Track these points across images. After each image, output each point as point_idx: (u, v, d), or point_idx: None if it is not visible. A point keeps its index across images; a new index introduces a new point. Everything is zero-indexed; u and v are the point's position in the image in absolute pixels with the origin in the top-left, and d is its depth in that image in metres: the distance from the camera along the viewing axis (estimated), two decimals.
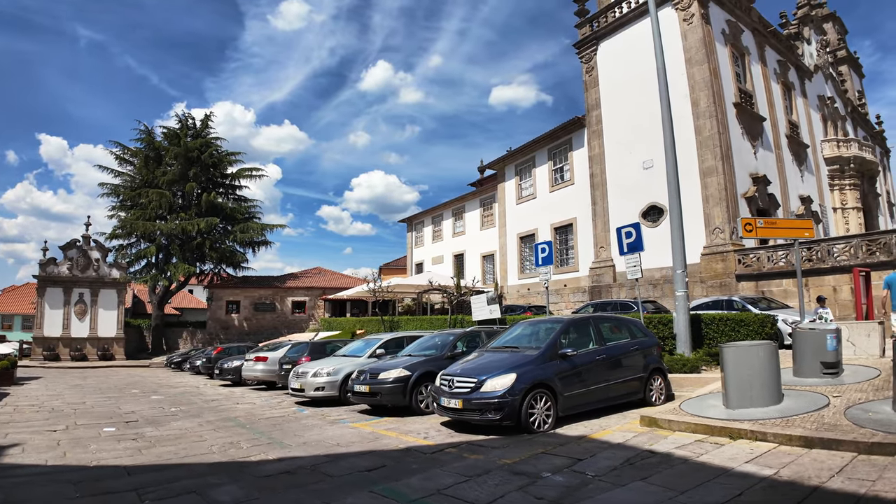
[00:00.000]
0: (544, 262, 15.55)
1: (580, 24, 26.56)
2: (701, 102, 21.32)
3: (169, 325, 42.13)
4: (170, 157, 38.32)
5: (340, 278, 46.20)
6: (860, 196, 29.92)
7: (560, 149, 27.54)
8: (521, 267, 29.04)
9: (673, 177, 13.54)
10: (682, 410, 8.19)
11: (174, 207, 38.67)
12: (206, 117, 41.16)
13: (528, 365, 8.11)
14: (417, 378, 10.18)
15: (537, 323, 10.14)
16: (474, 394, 7.87)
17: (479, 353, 9.49)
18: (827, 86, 32.55)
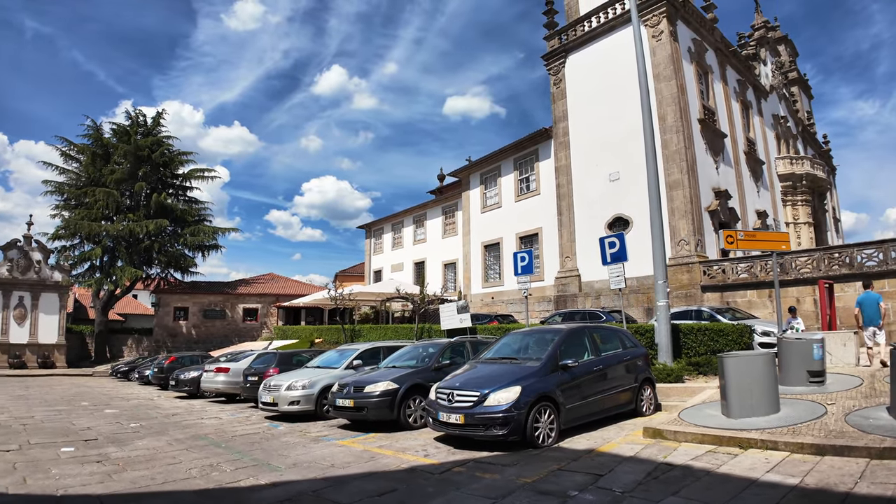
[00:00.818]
0: (524, 270, 15.36)
1: (549, 37, 26.67)
2: (668, 117, 21.63)
3: (113, 332, 40.16)
4: (119, 154, 36.50)
5: (294, 285, 45.07)
6: (811, 211, 31.06)
7: (526, 159, 27.55)
8: (486, 275, 28.85)
9: (654, 189, 13.54)
10: (684, 421, 8.10)
11: (121, 208, 36.88)
12: (158, 115, 39.68)
13: (531, 377, 7.78)
14: (406, 391, 9.73)
15: (530, 333, 9.87)
16: (477, 408, 7.47)
17: (472, 364, 9.11)
18: (780, 105, 33.76)
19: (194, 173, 40.43)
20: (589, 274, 23.07)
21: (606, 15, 24.41)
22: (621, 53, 23.59)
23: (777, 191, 30.39)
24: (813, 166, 31.47)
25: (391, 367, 10.88)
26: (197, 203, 41.19)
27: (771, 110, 32.02)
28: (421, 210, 37.12)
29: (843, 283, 16.78)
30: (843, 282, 16.79)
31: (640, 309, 20.97)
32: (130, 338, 39.99)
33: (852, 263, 16.90)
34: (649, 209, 13.51)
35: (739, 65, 28.60)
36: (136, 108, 40.19)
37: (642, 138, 22.03)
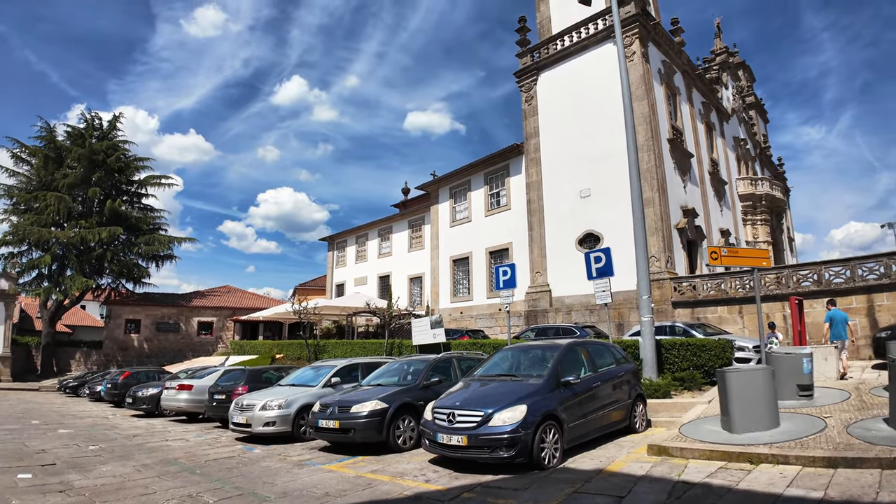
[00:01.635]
0: (506, 285, 14.99)
1: (521, 54, 26.78)
2: (640, 136, 21.79)
3: (60, 345, 38.13)
4: (72, 158, 34.80)
5: (251, 298, 43.80)
6: (770, 231, 31.92)
7: (497, 174, 27.48)
8: (454, 290, 28.54)
9: (638, 206, 13.43)
10: (687, 437, 7.99)
11: (73, 214, 35.16)
12: (115, 118, 38.14)
13: (534, 395, 7.46)
14: (395, 411, 9.25)
15: (525, 349, 9.58)
16: (481, 429, 7.09)
17: (466, 383, 8.72)
18: (740, 128, 34.74)
19: (150, 180, 38.92)
20: (560, 289, 23.02)
21: (579, 34, 24.66)
22: (593, 73, 23.88)
23: (738, 210, 31.14)
24: (772, 187, 32.42)
25: (376, 386, 10.40)
26: (152, 211, 39.66)
27: (732, 133, 32.90)
28: (386, 223, 36.63)
29: (812, 299, 17.14)
30: (812, 298, 17.15)
31: (612, 324, 20.93)
32: (79, 351, 38.06)
33: (820, 280, 17.29)
34: (633, 226, 13.43)
35: (704, 88, 29.30)
36: (92, 111, 38.45)
37: (613, 156, 22.57)
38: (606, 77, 23.28)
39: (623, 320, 20.86)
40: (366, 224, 38.32)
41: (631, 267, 21.09)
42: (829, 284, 17.09)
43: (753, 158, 35.52)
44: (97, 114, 38.03)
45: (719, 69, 33.03)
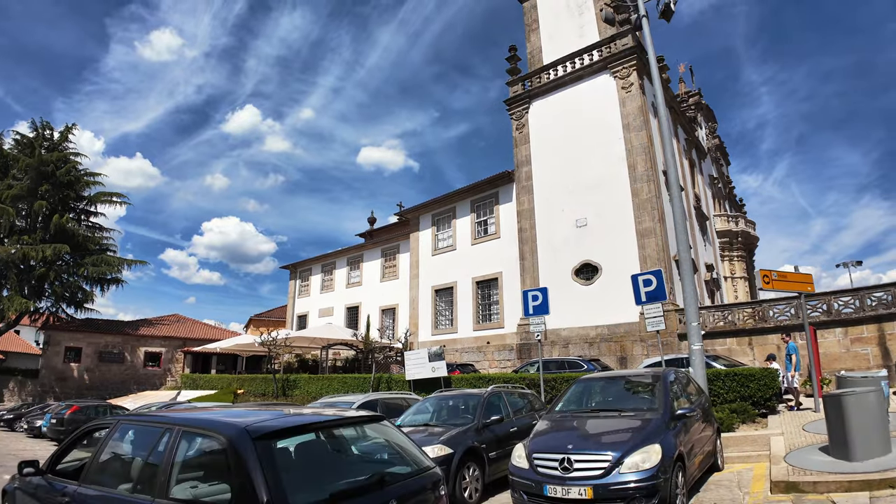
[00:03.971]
0: (536, 311, 13.91)
1: (512, 82, 26.36)
2: (638, 167, 21.52)
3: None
4: (19, 168, 32.00)
5: (203, 328, 41.08)
6: (745, 267, 32.24)
7: (485, 201, 26.63)
8: (435, 322, 27.21)
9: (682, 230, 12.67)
10: (806, 469, 7.21)
11: (14, 229, 32.13)
12: (67, 129, 35.45)
13: (660, 432, 6.38)
14: (461, 458, 7.91)
15: (613, 380, 8.51)
16: (611, 476, 5.87)
17: (554, 420, 7.45)
18: (713, 167, 35.32)
19: (101, 197, 36.19)
20: (555, 321, 22.04)
21: (573, 65, 24.42)
22: (588, 103, 23.62)
23: (716, 246, 31.33)
24: (747, 224, 32.91)
25: (424, 427, 9.04)
26: (101, 230, 36.81)
27: (707, 171, 33.37)
28: (357, 251, 35.13)
29: (823, 329, 16.84)
30: (823, 328, 16.85)
31: (612, 358, 20.16)
32: (12, 380, 34.58)
33: (830, 310, 17.06)
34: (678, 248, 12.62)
35: (686, 125, 29.62)
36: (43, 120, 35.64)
37: (610, 185, 22.12)
38: (601, 107, 23.07)
39: (626, 353, 20.08)
40: (333, 252, 36.68)
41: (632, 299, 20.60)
42: (839, 314, 16.89)
43: (724, 197, 36.13)
44: (48, 123, 35.30)
45: (695, 109, 33.65)
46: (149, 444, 4.00)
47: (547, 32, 26.45)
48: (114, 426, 4.52)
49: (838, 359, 16.51)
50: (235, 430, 3.38)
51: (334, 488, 3.43)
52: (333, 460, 4.16)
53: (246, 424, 3.45)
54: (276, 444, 3.45)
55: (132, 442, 4.50)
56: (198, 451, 3.72)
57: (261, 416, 3.77)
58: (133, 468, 4.10)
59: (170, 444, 3.67)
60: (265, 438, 3.34)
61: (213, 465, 3.61)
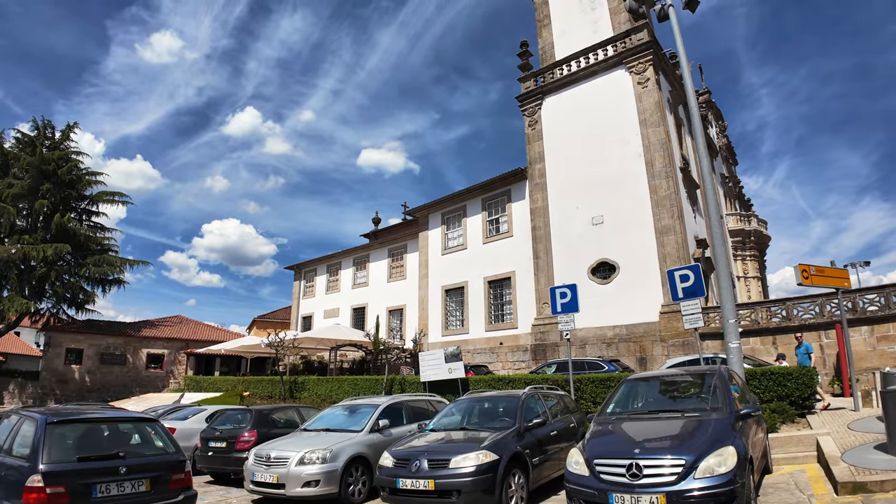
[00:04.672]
0: (565, 308, 13.39)
1: (524, 78, 25.91)
2: (656, 163, 21.06)
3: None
4: (20, 167, 31.40)
5: (207, 329, 40.45)
6: (758, 267, 31.80)
7: (496, 199, 26.14)
8: (446, 322, 26.67)
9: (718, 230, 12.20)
10: (869, 469, 6.87)
11: (15, 228, 31.52)
12: (69, 127, 34.82)
13: (730, 433, 5.92)
14: (508, 464, 7.40)
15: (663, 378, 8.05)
16: (685, 482, 5.36)
17: (608, 423, 6.90)
18: (723, 166, 34.90)
19: (103, 196, 35.54)
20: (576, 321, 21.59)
21: (587, 60, 23.99)
22: (602, 99, 23.20)
23: (729, 245, 30.88)
24: (759, 223, 32.47)
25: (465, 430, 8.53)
26: (102, 230, 36.18)
27: (718, 169, 32.94)
28: (363, 251, 34.59)
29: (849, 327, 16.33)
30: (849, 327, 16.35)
31: (631, 358, 19.67)
32: (12, 382, 33.82)
33: (855, 308, 16.65)
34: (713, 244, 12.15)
35: None
36: (44, 119, 35.02)
37: (627, 182, 21.64)
38: (617, 102, 22.65)
39: (645, 354, 19.60)
40: (339, 252, 36.12)
41: (651, 298, 20.22)
42: (865, 312, 16.51)
43: (735, 196, 35.71)
44: (49, 122, 34.71)
45: (706, 107, 33.23)
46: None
47: (559, 28, 26.02)
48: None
49: (864, 357, 16.12)
50: (42, 417, 6.18)
51: (85, 454, 5.98)
52: (100, 441, 6.45)
53: (50, 414, 6.35)
54: (57, 428, 6.07)
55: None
56: (26, 428, 6.30)
57: (66, 410, 7.10)
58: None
59: (14, 426, 6.59)
60: (53, 424, 6.04)
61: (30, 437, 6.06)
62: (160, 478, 6.42)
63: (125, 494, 6.04)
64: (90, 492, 5.79)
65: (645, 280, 20.33)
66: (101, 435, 6.59)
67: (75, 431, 6.35)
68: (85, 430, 6.48)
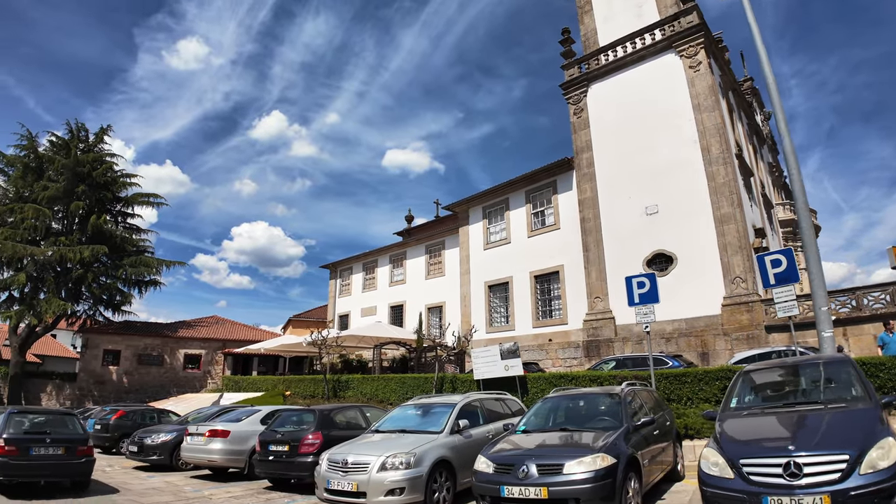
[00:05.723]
0: (643, 299, 12.61)
1: (567, 66, 25.10)
2: (713, 149, 20.16)
3: (29, 375, 33.75)
4: (55, 170, 31.34)
5: (243, 329, 40.28)
6: None
7: (541, 191, 25.35)
8: (490, 319, 25.95)
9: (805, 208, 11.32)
10: None
11: (51, 230, 31.51)
12: (102, 130, 34.78)
13: (881, 423, 5.36)
14: (626, 467, 6.75)
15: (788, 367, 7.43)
16: (851, 479, 4.74)
17: (736, 419, 6.28)
18: (769, 155, 33.73)
19: (138, 198, 35.50)
20: (625, 316, 20.76)
21: (633, 45, 23.14)
22: (651, 84, 22.34)
23: (780, 236, 29.77)
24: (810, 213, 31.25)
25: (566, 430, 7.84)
26: (138, 232, 36.14)
27: (766, 158, 31.82)
28: (399, 249, 34.04)
29: None
30: None
31: (693, 353, 18.80)
32: (50, 383, 33.81)
33: None
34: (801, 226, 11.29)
35: (747, 109, 28.14)
36: (78, 121, 35.00)
37: (681, 169, 20.72)
38: (667, 88, 21.78)
39: (707, 349, 18.72)
40: (374, 250, 35.62)
41: (711, 290, 19.28)
42: None
43: (781, 186, 34.51)
44: (83, 124, 34.67)
45: (751, 95, 32.12)
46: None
47: (601, 14, 25.19)
48: None
49: None
50: (8, 409, 10.62)
51: (28, 431, 10.13)
52: (40, 424, 10.50)
53: (13, 408, 10.84)
54: (16, 416, 10.30)
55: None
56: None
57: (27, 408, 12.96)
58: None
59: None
60: (14, 413, 10.38)
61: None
62: (70, 447, 10.34)
63: (49, 454, 10.07)
64: (29, 450, 9.87)
65: (704, 271, 19.45)
66: (41, 421, 10.75)
67: (25, 418, 10.51)
68: (31, 418, 10.68)
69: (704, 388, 13.20)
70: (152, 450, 14.11)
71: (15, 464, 9.63)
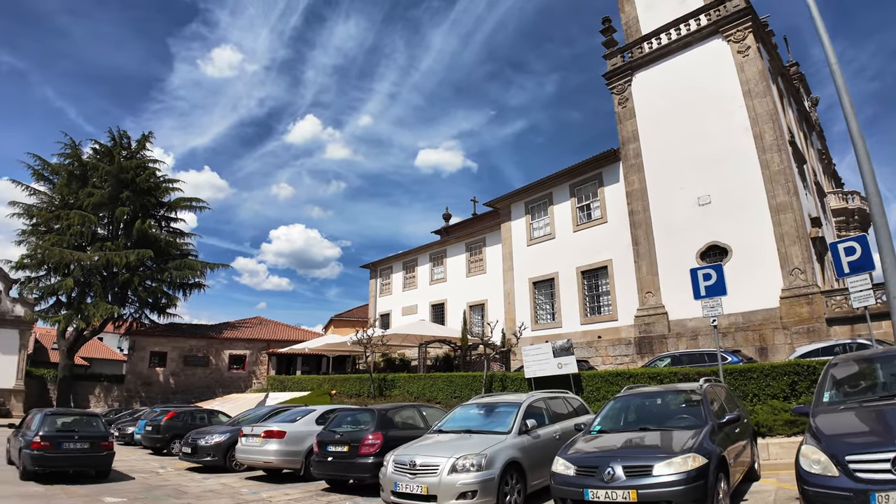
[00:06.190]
0: (710, 292, 12.12)
1: (610, 55, 24.55)
2: (766, 136, 19.44)
3: (78, 378, 34.56)
4: (99, 177, 32.02)
5: (286, 329, 40.65)
6: None
7: (586, 184, 24.83)
8: (535, 316, 25.55)
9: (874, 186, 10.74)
10: None
11: (97, 236, 32.18)
12: (144, 137, 35.43)
13: None
14: (716, 467, 6.40)
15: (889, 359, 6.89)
16: None
17: (831, 414, 5.93)
18: (818, 142, 32.58)
19: (181, 203, 36.09)
20: (679, 311, 20.21)
21: (678, 32, 22.48)
22: (698, 71, 21.67)
23: (833, 225, 28.73)
24: (862, 201, 30.13)
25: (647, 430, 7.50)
26: (182, 236, 36.73)
27: (815, 145, 30.73)
28: (439, 247, 33.83)
29: None
30: None
31: (750, 348, 18.16)
32: (98, 385, 34.57)
33: None
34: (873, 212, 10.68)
35: (795, 94, 27.19)
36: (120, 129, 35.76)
37: (734, 157, 19.97)
38: (716, 74, 21.11)
39: (766, 343, 18.07)
40: (414, 249, 35.51)
41: (768, 282, 18.60)
42: None
43: (830, 174, 33.34)
44: (125, 132, 35.37)
45: (798, 80, 31.04)
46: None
47: (643, 2, 24.57)
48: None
49: None
50: (43, 411, 13.29)
51: (60, 429, 12.35)
52: (69, 423, 12.66)
53: (47, 410, 13.47)
54: (48, 417, 12.63)
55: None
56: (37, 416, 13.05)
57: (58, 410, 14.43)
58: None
59: (32, 415, 13.83)
60: (48, 415, 12.78)
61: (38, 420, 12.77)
62: (95, 442, 12.31)
63: (77, 448, 12.05)
64: (60, 445, 11.90)
65: (761, 263, 18.76)
66: (70, 421, 12.82)
67: (57, 418, 12.61)
68: (62, 418, 12.77)
69: (772, 383, 12.68)
70: (206, 451, 14.07)
71: (49, 456, 11.70)
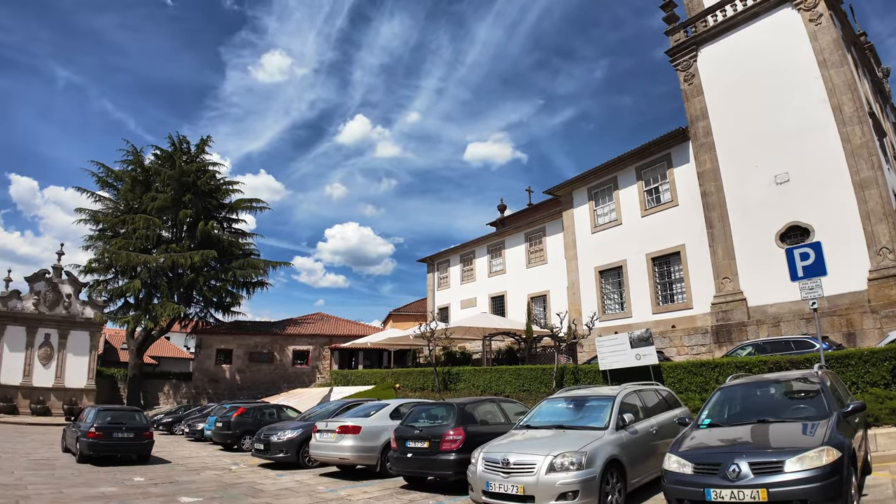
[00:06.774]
0: (808, 272, 11.36)
1: (672, 31, 23.63)
2: (845, 107, 18.33)
3: (147, 377, 35.85)
4: (161, 181, 33.01)
5: (348, 325, 41.15)
6: None
7: (653, 166, 23.96)
8: (602, 307, 24.91)
9: None
10: None
11: (162, 238, 33.22)
12: (203, 141, 36.35)
13: None
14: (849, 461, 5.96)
15: None
16: None
17: None
18: (892, 115, 30.73)
19: (241, 204, 36.91)
20: (759, 297, 19.32)
21: (744, 3, 21.45)
22: (768, 42, 20.60)
23: None
24: None
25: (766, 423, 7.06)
26: (244, 236, 37.62)
27: (890, 118, 28.97)
28: (496, 239, 33.42)
29: None
30: None
31: (837, 334, 17.19)
32: (167, 383, 35.71)
33: None
34: None
35: (868, 65, 25.65)
36: (179, 134, 36.79)
37: (812, 131, 18.75)
38: (786, 45, 20.00)
39: (854, 328, 17.05)
40: (471, 241, 35.20)
41: (854, 263, 17.47)
42: None
43: None
44: (185, 137, 36.36)
45: (868, 51, 29.28)
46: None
47: None
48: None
49: None
50: (96, 407, 16.65)
51: (109, 421, 15.20)
52: (117, 417, 15.67)
53: (98, 407, 17.02)
54: (100, 412, 15.71)
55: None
56: (91, 412, 16.20)
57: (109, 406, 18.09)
58: None
59: (86, 412, 17.20)
60: (100, 410, 15.74)
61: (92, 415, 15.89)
62: (138, 432, 15.01)
63: (123, 437, 14.71)
64: (111, 434, 14.58)
65: (846, 243, 17.67)
66: (118, 414, 15.61)
67: (106, 413, 15.35)
68: (112, 413, 15.57)
69: (871, 370, 12.01)
70: (279, 447, 14.09)
71: (102, 444, 14.39)
